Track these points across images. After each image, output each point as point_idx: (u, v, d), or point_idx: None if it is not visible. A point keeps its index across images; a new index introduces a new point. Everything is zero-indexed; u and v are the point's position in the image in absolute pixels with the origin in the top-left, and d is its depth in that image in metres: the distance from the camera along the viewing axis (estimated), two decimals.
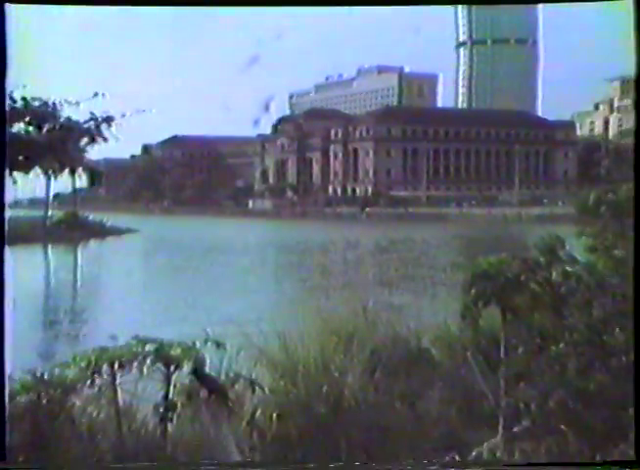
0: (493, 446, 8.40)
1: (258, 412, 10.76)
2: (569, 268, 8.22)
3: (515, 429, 8.22)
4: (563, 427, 6.76)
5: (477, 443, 9.44)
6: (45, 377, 9.84)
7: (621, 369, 7.04)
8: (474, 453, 8.81)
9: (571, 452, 6.05)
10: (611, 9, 8.25)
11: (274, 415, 10.60)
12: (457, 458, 5.80)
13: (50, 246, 27.17)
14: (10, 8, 6.44)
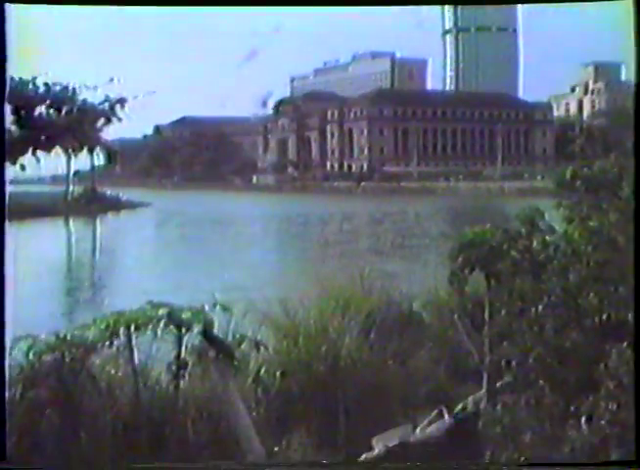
0: (478, 399, 8.48)
1: (263, 370, 10.81)
2: (547, 237, 8.26)
3: (497, 384, 8.29)
4: (541, 381, 6.82)
5: (463, 396, 9.52)
6: (68, 338, 9.88)
7: (594, 329, 7.10)
8: (460, 406, 8.88)
9: (548, 404, 6.10)
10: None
11: (277, 373, 10.66)
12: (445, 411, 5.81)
13: (71, 219, 27.14)
14: (12, 8, 6.40)
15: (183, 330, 10.17)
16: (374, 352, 11.28)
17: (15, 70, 8.84)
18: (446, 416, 8.78)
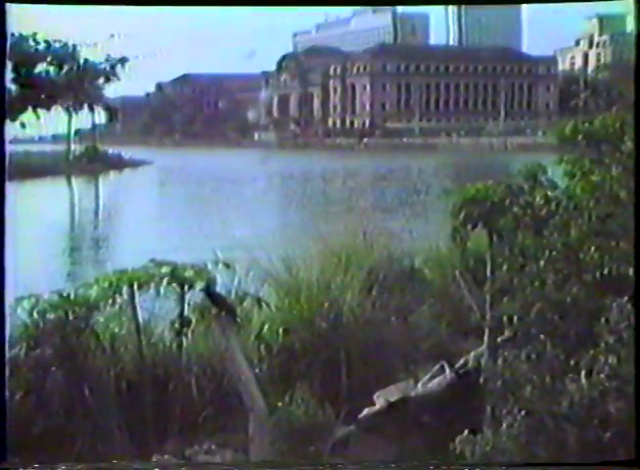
0: (479, 354, 8.54)
1: (265, 327, 10.88)
2: (549, 193, 8.25)
3: (498, 339, 8.34)
4: (541, 336, 6.86)
5: (464, 352, 9.58)
6: (71, 297, 9.94)
7: (595, 284, 7.12)
8: (461, 361, 8.94)
9: (548, 358, 6.15)
10: None
11: (280, 330, 10.73)
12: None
13: (73, 178, 27.10)
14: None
15: (186, 288, 10.23)
16: (376, 308, 11.33)
17: (15, 27, 8.78)
18: (447, 371, 8.86)
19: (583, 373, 5.95)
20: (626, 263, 7.11)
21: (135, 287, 9.97)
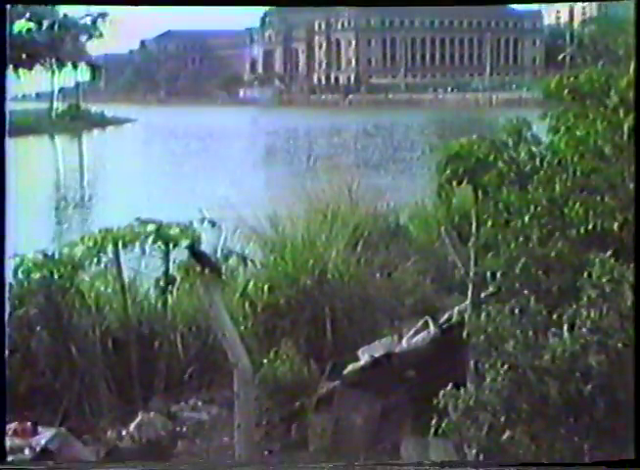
0: (462, 309, 8.56)
1: (250, 285, 10.89)
2: (533, 148, 8.21)
3: (482, 294, 8.36)
4: (525, 291, 6.87)
5: (448, 307, 9.62)
6: (56, 256, 9.88)
7: (579, 239, 7.12)
8: (445, 316, 8.98)
9: (532, 312, 6.17)
10: None
11: (265, 287, 10.73)
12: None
13: (56, 136, 26.82)
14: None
15: (171, 246, 10.19)
16: (360, 264, 11.36)
17: None
18: (431, 327, 8.89)
19: (566, 327, 5.98)
20: (610, 219, 7.11)
21: (120, 246, 9.89)
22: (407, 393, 8.47)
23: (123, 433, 8.68)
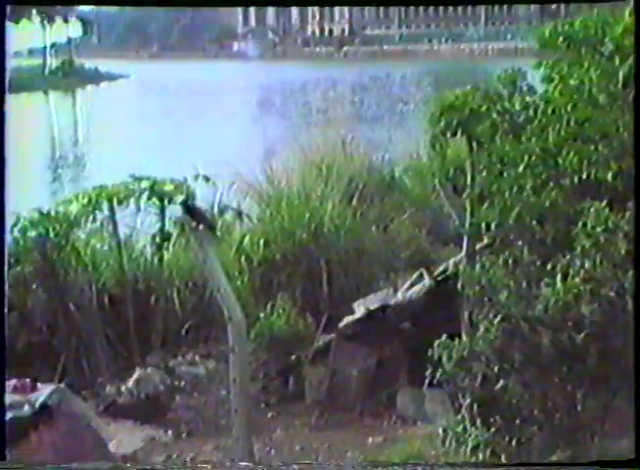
0: (457, 261, 8.57)
1: (246, 239, 10.90)
2: (527, 98, 8.13)
3: (477, 246, 8.37)
4: (519, 242, 6.86)
5: (443, 260, 9.64)
6: (51, 214, 9.86)
7: (573, 188, 7.09)
8: (440, 268, 8.98)
9: (525, 263, 6.16)
10: None
11: (260, 242, 10.74)
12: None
13: (50, 93, 26.63)
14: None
15: (166, 202, 10.17)
16: (356, 218, 11.35)
17: None
18: (427, 279, 8.91)
19: (559, 277, 5.97)
20: (604, 168, 7.06)
21: (115, 202, 9.88)
22: (402, 344, 8.52)
23: (122, 388, 8.74)
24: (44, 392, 7.28)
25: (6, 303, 6.67)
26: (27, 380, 7.53)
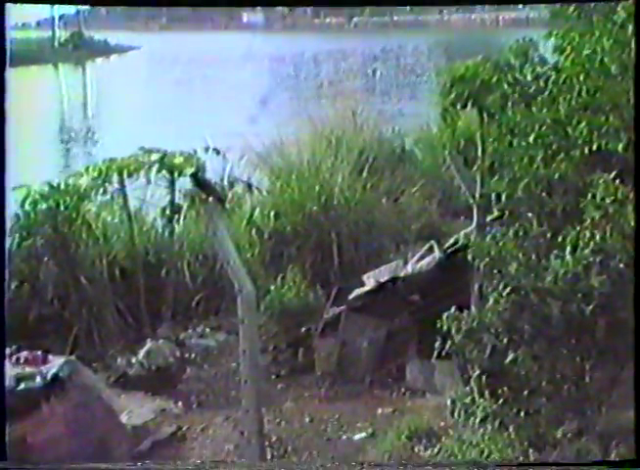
0: (468, 233, 8.56)
1: (257, 212, 10.92)
2: (539, 69, 8.08)
3: (487, 218, 8.36)
4: (529, 214, 6.85)
5: (453, 232, 9.64)
6: (62, 187, 9.89)
7: (583, 159, 7.04)
8: (450, 241, 8.98)
9: (535, 235, 6.16)
10: None
11: (271, 214, 10.75)
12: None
13: (59, 66, 26.57)
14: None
15: (176, 175, 10.18)
16: (366, 190, 11.34)
17: None
18: (437, 251, 8.91)
19: (568, 249, 5.96)
20: (615, 139, 7.01)
21: (125, 175, 9.88)
22: (412, 316, 8.55)
23: (133, 360, 8.81)
24: (55, 364, 7.35)
25: (6, 275, 6.70)
26: (39, 352, 7.61)
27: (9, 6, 7.16)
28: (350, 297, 8.91)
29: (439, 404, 7.46)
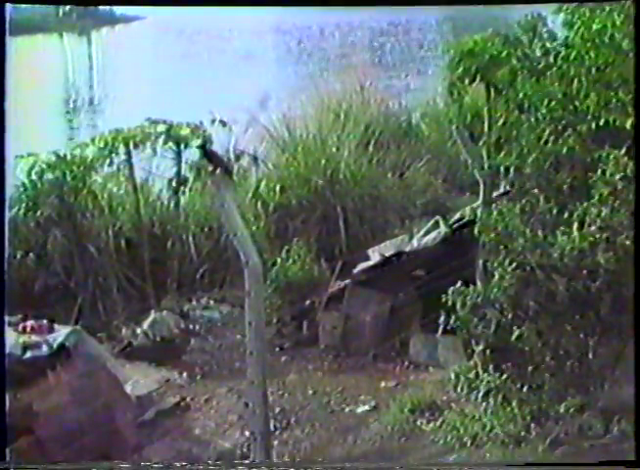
0: (473, 209, 8.54)
1: (262, 185, 10.89)
2: (548, 44, 8.02)
3: (494, 193, 8.33)
4: (536, 190, 6.83)
5: (459, 207, 9.61)
6: (68, 157, 9.88)
7: (591, 134, 7.01)
8: (456, 216, 8.96)
9: (542, 211, 6.15)
10: None
11: (276, 187, 10.73)
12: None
13: (65, 35, 26.43)
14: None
15: (182, 146, 10.16)
16: (372, 164, 11.31)
17: None
18: (442, 226, 8.89)
19: (575, 225, 5.95)
20: (624, 114, 6.97)
21: (131, 146, 9.87)
22: (416, 291, 8.54)
23: (137, 331, 8.84)
24: (61, 333, 7.38)
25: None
26: (45, 321, 7.63)
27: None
28: (355, 271, 8.91)
29: (442, 378, 7.49)
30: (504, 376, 6.13)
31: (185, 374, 8.47)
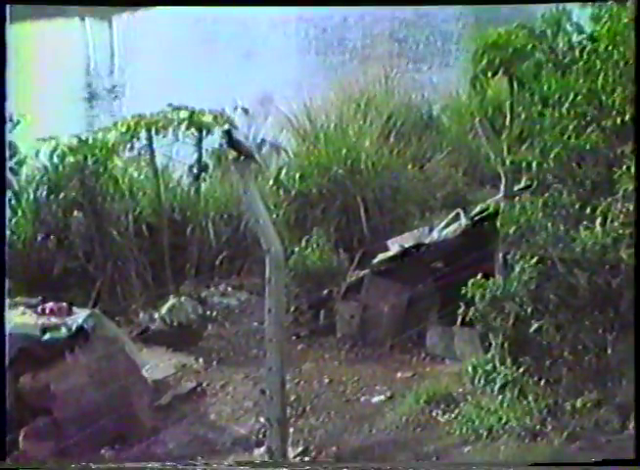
0: (494, 202, 8.51)
1: (283, 173, 10.91)
2: (574, 38, 7.97)
3: (515, 187, 8.30)
4: (559, 184, 6.80)
5: (479, 200, 9.60)
6: (89, 141, 9.93)
7: (616, 130, 6.96)
8: (477, 209, 8.94)
9: (565, 205, 6.13)
10: None
11: (297, 176, 10.74)
12: None
13: (86, 19, 26.55)
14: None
15: (204, 133, 10.19)
16: (393, 155, 11.30)
17: None
18: (463, 218, 8.87)
19: (598, 220, 5.93)
20: None
21: (153, 132, 9.92)
22: (435, 283, 8.54)
23: (155, 315, 8.88)
24: (80, 315, 7.43)
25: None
26: (64, 303, 7.69)
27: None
28: (374, 261, 8.91)
29: (459, 370, 7.49)
30: (521, 369, 6.12)
31: (202, 360, 8.52)
